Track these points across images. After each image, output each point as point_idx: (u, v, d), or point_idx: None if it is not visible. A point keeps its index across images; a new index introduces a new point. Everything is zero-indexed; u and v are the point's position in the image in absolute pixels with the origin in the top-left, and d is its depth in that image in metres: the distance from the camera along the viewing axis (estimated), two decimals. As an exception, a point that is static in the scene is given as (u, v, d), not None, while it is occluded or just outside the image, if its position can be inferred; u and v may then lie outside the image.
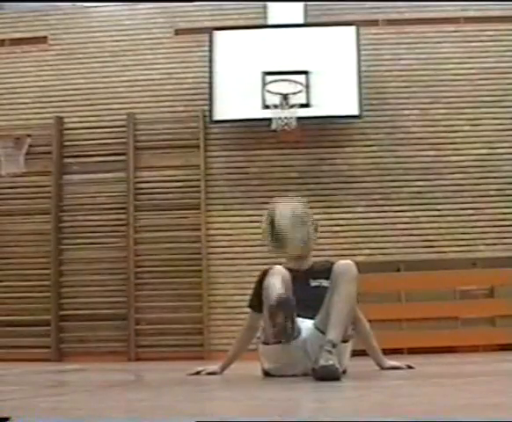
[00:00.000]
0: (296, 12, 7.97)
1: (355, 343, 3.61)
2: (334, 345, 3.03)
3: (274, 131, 7.56)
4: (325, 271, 3.41)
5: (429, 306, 7.34)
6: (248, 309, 3.69)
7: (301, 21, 7.95)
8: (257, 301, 3.43)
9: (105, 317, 7.78)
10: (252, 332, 3.69)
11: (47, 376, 4.66)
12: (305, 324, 3.33)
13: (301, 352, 3.29)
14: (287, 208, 3.57)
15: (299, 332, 3.27)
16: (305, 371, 3.24)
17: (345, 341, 3.31)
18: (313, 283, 3.49)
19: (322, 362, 2.94)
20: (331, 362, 2.94)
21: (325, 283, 3.40)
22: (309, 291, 3.42)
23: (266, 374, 3.51)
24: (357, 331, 3.62)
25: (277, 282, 3.16)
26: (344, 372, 3.48)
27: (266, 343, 3.40)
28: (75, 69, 8.34)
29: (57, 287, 7.86)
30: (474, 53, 8.12)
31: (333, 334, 3.08)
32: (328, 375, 2.90)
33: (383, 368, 3.71)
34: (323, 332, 3.18)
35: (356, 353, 3.84)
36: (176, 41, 8.34)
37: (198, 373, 3.79)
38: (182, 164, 8.07)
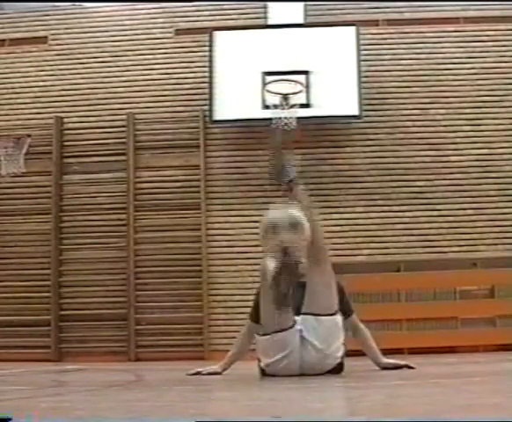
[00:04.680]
0: (296, 12, 7.97)
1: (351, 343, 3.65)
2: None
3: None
4: None
5: (429, 306, 7.34)
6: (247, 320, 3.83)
7: (301, 21, 7.95)
8: (256, 314, 3.60)
9: (105, 317, 7.78)
10: (251, 338, 3.80)
11: (47, 376, 4.66)
12: (300, 318, 3.43)
13: (297, 338, 3.36)
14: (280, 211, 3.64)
15: (295, 321, 3.38)
16: (302, 364, 3.37)
17: (330, 314, 3.40)
18: None
19: None
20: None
21: None
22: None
23: (263, 372, 3.53)
24: (357, 338, 3.78)
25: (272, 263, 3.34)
26: (340, 369, 3.50)
27: (265, 334, 3.47)
28: (75, 69, 8.34)
29: (57, 287, 7.86)
30: (474, 53, 8.11)
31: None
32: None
33: (381, 367, 3.73)
34: (313, 314, 3.36)
35: (356, 353, 3.85)
36: (176, 41, 8.34)
37: (198, 373, 3.80)
38: (182, 164, 8.07)
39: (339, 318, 3.49)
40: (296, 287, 3.64)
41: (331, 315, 3.42)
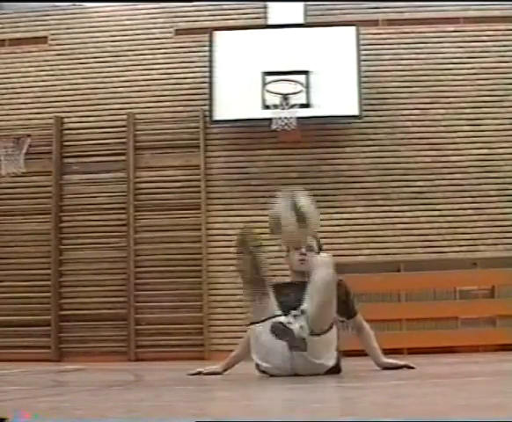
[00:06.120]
0: (296, 12, 7.97)
1: (351, 342, 3.64)
2: (303, 312, 3.32)
3: (274, 131, 7.56)
4: None
5: (429, 306, 7.34)
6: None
7: (301, 21, 7.95)
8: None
9: (105, 317, 7.78)
10: None
11: (47, 376, 4.66)
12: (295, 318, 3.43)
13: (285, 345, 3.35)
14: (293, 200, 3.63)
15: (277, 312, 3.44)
16: (293, 365, 3.38)
17: (320, 334, 3.38)
18: None
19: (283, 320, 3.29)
20: (291, 326, 3.23)
21: None
22: (304, 296, 3.49)
23: (258, 367, 3.55)
24: (361, 337, 3.82)
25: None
26: (338, 370, 3.49)
27: (255, 322, 3.50)
28: (75, 69, 8.33)
29: (57, 287, 7.86)
30: (474, 53, 8.11)
31: (305, 305, 3.34)
32: (280, 333, 3.25)
33: (381, 367, 3.73)
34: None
35: (356, 353, 3.85)
36: (176, 41, 8.34)
37: (199, 373, 3.80)
38: (182, 164, 8.07)
39: (333, 332, 3.47)
40: (296, 288, 3.64)
41: (325, 332, 3.40)
